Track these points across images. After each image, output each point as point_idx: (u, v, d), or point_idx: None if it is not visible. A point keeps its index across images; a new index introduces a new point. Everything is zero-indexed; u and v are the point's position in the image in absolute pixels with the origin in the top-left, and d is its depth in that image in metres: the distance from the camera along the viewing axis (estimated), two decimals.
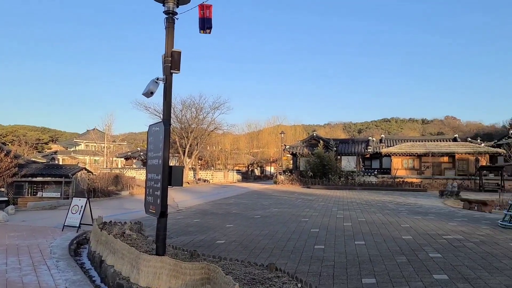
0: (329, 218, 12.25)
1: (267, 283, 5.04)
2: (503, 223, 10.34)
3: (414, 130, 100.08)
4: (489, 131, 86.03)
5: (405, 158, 39.92)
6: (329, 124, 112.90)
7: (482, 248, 7.41)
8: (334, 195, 24.87)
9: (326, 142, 41.75)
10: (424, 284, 5.11)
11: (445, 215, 13.32)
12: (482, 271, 5.74)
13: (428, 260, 6.47)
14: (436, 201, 20.82)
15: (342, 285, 5.16)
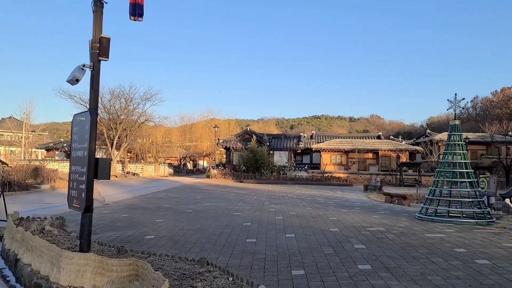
0: (261, 212, 12.40)
1: (198, 278, 4.96)
2: (420, 215, 11.15)
3: (342, 127, 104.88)
4: (409, 130, 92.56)
5: (334, 154, 41.65)
6: (263, 119, 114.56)
7: (401, 239, 7.93)
8: (267, 189, 25.28)
9: (259, 137, 42.27)
10: (350, 274, 5.33)
11: (369, 209, 14.09)
12: (401, 260, 6.13)
13: (353, 251, 6.77)
14: (361, 195, 21.97)
15: (273, 277, 5.22)
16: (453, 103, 11.27)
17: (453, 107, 11.29)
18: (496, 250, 6.94)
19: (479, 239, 7.95)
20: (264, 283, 4.91)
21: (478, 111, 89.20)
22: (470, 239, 7.93)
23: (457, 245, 7.31)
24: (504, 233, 8.84)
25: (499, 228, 9.50)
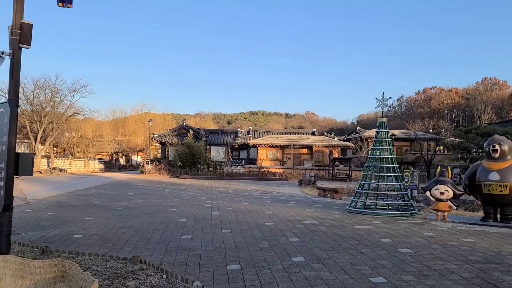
0: (197, 207, 12.27)
1: (131, 276, 4.79)
2: (350, 208, 11.68)
3: (278, 123, 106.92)
4: (341, 127, 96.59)
5: (270, 150, 42.33)
6: (200, 114, 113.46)
7: (333, 231, 8.25)
8: (203, 184, 25.08)
9: (196, 132, 41.79)
10: (284, 267, 5.44)
11: (303, 202, 14.51)
12: (333, 251, 6.37)
13: (288, 244, 6.92)
14: (296, 190, 22.55)
15: (208, 273, 5.18)
16: (380, 101, 11.91)
17: (380, 105, 11.94)
18: (418, 239, 7.45)
19: (403, 230, 8.49)
20: (199, 279, 4.85)
21: (404, 110, 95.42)
22: (395, 230, 8.44)
23: (384, 236, 7.75)
24: (425, 223, 9.53)
25: (420, 219, 10.21)
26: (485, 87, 79.54)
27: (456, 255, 6.19)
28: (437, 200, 10.02)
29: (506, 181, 8.90)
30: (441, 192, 9.87)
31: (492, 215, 9.51)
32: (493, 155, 9.19)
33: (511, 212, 9.30)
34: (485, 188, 9.21)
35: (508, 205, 9.19)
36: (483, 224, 9.33)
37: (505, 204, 9.18)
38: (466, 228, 8.88)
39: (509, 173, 8.97)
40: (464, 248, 6.67)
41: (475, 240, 7.38)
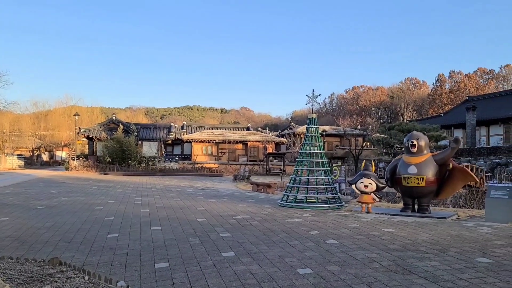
0: (126, 205, 11.82)
1: (48, 279, 4.46)
2: (282, 202, 11.93)
3: (214, 119, 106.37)
4: (275, 122, 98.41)
5: (205, 145, 41.99)
6: (131, 108, 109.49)
7: (264, 225, 8.35)
8: (134, 181, 24.26)
9: (126, 126, 40.27)
10: (214, 262, 5.40)
11: (236, 197, 14.56)
12: (263, 245, 6.45)
13: (219, 239, 6.89)
14: (230, 185, 22.59)
15: (135, 272, 5.00)
16: (311, 98, 12.26)
17: (311, 102, 12.28)
18: (343, 230, 7.79)
19: (330, 222, 8.83)
20: (125, 279, 4.66)
21: (334, 107, 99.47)
22: (323, 222, 8.75)
23: (312, 228, 8.00)
24: (350, 215, 9.98)
25: (346, 211, 10.68)
26: (408, 87, 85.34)
27: (378, 244, 6.55)
28: (362, 193, 10.54)
29: (423, 174, 9.59)
30: (365, 185, 10.40)
31: (411, 206, 10.20)
32: (411, 150, 9.84)
33: (427, 203, 10.05)
34: (405, 181, 9.84)
35: (424, 196, 9.91)
36: (402, 214, 9.98)
37: (422, 195, 9.89)
38: (388, 218, 9.44)
39: (425, 167, 9.66)
40: (384, 238, 7.07)
41: (394, 230, 7.86)
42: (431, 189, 9.80)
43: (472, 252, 6.02)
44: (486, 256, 5.78)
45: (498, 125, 38.50)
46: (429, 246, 6.43)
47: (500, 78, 76.63)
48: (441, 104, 72.30)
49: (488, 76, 78.63)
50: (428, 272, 4.96)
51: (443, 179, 9.93)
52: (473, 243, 6.68)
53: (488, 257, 5.72)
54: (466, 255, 5.83)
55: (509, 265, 5.28)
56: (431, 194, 10.00)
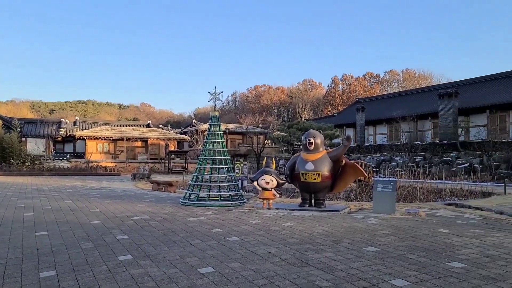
0: (5, 209, 10.54)
1: None
2: (184, 201, 11.67)
3: (111, 114, 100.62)
4: (178, 120, 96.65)
5: (100, 142, 39.53)
6: (13, 101, 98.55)
7: (164, 225, 8.06)
8: (16, 182, 21.86)
9: (7, 121, 36.18)
10: (109, 267, 5.03)
11: (135, 197, 13.90)
12: (163, 246, 6.20)
13: (115, 242, 6.46)
14: (128, 184, 21.55)
15: (15, 283, 4.42)
16: (213, 95, 12.18)
17: (213, 99, 12.21)
18: (245, 227, 7.85)
19: (233, 219, 8.86)
20: None
21: (237, 105, 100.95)
22: (225, 219, 8.74)
23: (214, 226, 7.93)
24: (252, 211, 10.14)
25: (249, 208, 10.83)
26: (305, 87, 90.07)
27: (278, 239, 6.72)
28: (263, 189, 10.78)
29: (319, 170, 10.12)
30: (266, 182, 10.64)
31: (308, 201, 10.72)
32: (308, 147, 10.33)
33: (322, 198, 10.65)
34: (303, 177, 10.29)
35: (320, 191, 10.48)
36: (300, 209, 10.43)
37: (318, 190, 10.44)
38: (287, 213, 9.78)
39: (321, 163, 10.21)
40: (284, 232, 7.29)
41: (293, 224, 8.16)
42: (326, 184, 10.39)
43: (362, 242, 6.49)
44: (374, 245, 6.27)
45: (383, 124, 42.55)
46: (324, 238, 6.78)
47: (385, 82, 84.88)
48: (335, 105, 77.75)
49: (375, 80, 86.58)
50: (324, 263, 5.20)
51: (337, 174, 10.59)
52: (363, 233, 7.21)
53: (375, 246, 6.21)
54: (357, 245, 6.26)
55: (393, 252, 5.77)
56: (327, 189, 10.60)
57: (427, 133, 38.03)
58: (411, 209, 10.33)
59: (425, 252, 5.79)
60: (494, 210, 10.81)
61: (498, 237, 6.95)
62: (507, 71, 38.41)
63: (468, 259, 5.38)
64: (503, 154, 25.89)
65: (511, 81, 35.63)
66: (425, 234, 7.15)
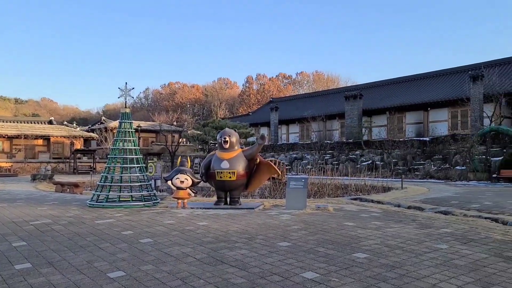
0: None
1: None
2: (91, 202, 10.99)
3: (5, 110, 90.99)
4: (85, 116, 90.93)
5: None
6: None
7: (69, 229, 7.51)
8: None
9: None
10: (3, 278, 4.55)
11: (35, 200, 12.78)
12: (68, 252, 5.76)
13: (11, 250, 5.86)
14: (27, 186, 19.75)
15: None
16: (124, 91, 11.64)
17: (123, 95, 11.66)
18: (158, 228, 7.62)
19: (145, 220, 8.55)
20: None
21: (150, 102, 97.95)
22: (137, 221, 8.40)
23: (125, 228, 7.58)
24: (166, 211, 9.89)
25: (162, 208, 10.55)
26: (220, 86, 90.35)
27: (192, 238, 6.62)
28: (178, 189, 10.57)
29: (234, 169, 10.19)
30: (181, 181, 10.45)
31: (223, 199, 10.75)
32: (224, 146, 10.35)
33: (238, 196, 10.76)
34: (218, 175, 10.29)
35: (235, 189, 10.57)
36: (216, 207, 10.42)
37: (233, 188, 10.52)
38: (202, 212, 9.70)
39: (236, 162, 10.29)
40: (199, 231, 7.21)
41: (209, 223, 8.12)
42: (241, 182, 10.52)
43: (275, 237, 6.67)
44: (286, 240, 6.48)
45: (295, 124, 44.32)
46: (239, 235, 6.84)
47: (297, 83, 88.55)
48: (250, 104, 79.19)
49: (287, 80, 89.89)
50: (239, 260, 5.24)
51: (252, 173, 10.77)
52: (276, 229, 7.41)
53: (288, 241, 6.41)
54: (270, 241, 6.41)
55: (304, 246, 6.02)
56: (242, 187, 10.73)
57: (335, 132, 40.45)
58: (321, 205, 10.89)
59: (333, 244, 6.13)
60: (393, 203, 11.84)
61: (396, 228, 7.60)
62: (403, 76, 42.37)
63: (371, 250, 5.80)
64: (400, 152, 28.49)
65: (406, 86, 39.33)
66: (333, 227, 7.57)
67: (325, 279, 4.47)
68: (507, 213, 9.57)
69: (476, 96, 27.42)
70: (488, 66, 32.41)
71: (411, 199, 12.79)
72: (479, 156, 23.14)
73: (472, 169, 22.88)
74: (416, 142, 28.14)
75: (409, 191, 15.89)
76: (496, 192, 15.36)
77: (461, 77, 33.76)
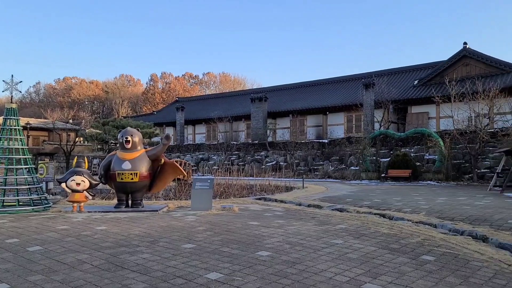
0: None
1: None
2: None
3: None
4: None
5: None
6: None
7: None
8: None
9: None
10: None
11: None
12: None
13: None
14: None
15: None
16: (9, 85, 10.47)
17: (9, 89, 10.49)
18: (50, 234, 6.98)
19: (34, 226, 7.78)
20: None
21: (42, 97, 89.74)
22: (25, 227, 7.61)
23: (10, 236, 6.81)
24: (60, 216, 9.12)
25: (55, 212, 9.71)
26: (123, 83, 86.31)
27: (89, 244, 6.18)
28: (73, 191, 9.81)
29: (137, 170, 9.77)
30: (77, 183, 9.72)
31: (125, 202, 10.24)
32: (126, 146, 9.87)
33: (140, 198, 10.33)
34: (119, 176, 9.77)
35: (138, 191, 10.13)
36: (116, 210, 9.88)
37: (136, 190, 10.08)
38: (101, 216, 9.13)
39: (139, 162, 9.88)
40: (97, 237, 6.76)
41: (108, 227, 7.65)
42: (144, 184, 10.12)
43: (180, 240, 6.52)
44: (191, 241, 6.37)
45: (202, 124, 44.08)
46: (141, 239, 6.56)
47: (203, 84, 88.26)
48: (155, 103, 76.90)
49: (194, 80, 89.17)
50: (140, 265, 5.01)
51: (156, 173, 10.43)
52: (181, 231, 7.26)
53: (192, 242, 6.32)
54: (174, 243, 6.25)
55: (208, 247, 5.98)
56: (145, 188, 10.33)
57: (241, 133, 41.12)
58: (226, 205, 10.96)
59: (238, 244, 6.18)
60: (294, 202, 12.38)
61: (297, 225, 7.94)
62: (305, 81, 44.73)
63: (273, 247, 5.97)
64: (302, 153, 29.96)
65: (308, 91, 41.54)
66: (238, 227, 7.65)
67: (229, 278, 4.48)
68: (393, 209, 10.58)
69: (368, 102, 29.98)
70: (378, 75, 35.64)
71: (311, 198, 13.49)
72: (370, 157, 25.30)
73: (364, 169, 24.91)
74: (316, 144, 29.81)
75: (310, 190, 16.75)
76: (384, 190, 16.91)
77: (355, 84, 36.60)
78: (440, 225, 8.18)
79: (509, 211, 9.89)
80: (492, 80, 25.39)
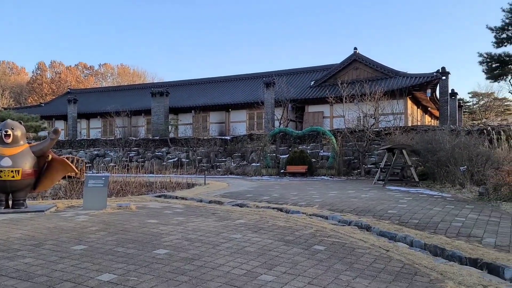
0: None
1: None
2: None
3: None
4: None
5: None
6: None
7: None
8: None
9: None
10: None
11: None
12: None
13: None
14: None
15: None
16: None
17: None
18: None
19: None
20: None
21: None
22: None
23: None
24: None
25: None
26: (4, 71, 77.23)
27: None
28: None
29: (19, 166, 8.81)
30: None
31: (4, 202, 9.18)
32: (5, 140, 8.85)
33: (23, 197, 9.34)
34: None
35: (20, 190, 9.15)
36: None
37: (18, 189, 9.09)
38: None
39: (22, 159, 8.93)
40: None
41: None
42: (28, 182, 9.18)
43: (69, 241, 6.04)
44: (82, 243, 5.94)
45: (97, 118, 41.47)
46: (23, 242, 5.94)
47: (99, 75, 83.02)
48: (42, 94, 70.31)
49: (89, 71, 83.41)
50: (21, 270, 4.54)
51: (42, 171, 9.53)
52: (70, 232, 6.73)
53: (83, 243, 5.90)
54: (63, 245, 5.78)
55: (101, 248, 5.63)
56: (29, 187, 9.38)
57: (141, 128, 39.64)
58: (123, 203, 10.46)
59: (134, 243, 5.93)
60: (196, 199, 12.29)
61: (197, 222, 7.89)
62: (208, 78, 44.65)
63: (172, 245, 5.85)
64: (205, 150, 29.89)
65: (211, 87, 41.55)
66: (135, 226, 7.34)
67: (123, 279, 4.27)
68: (289, 203, 11.09)
69: (269, 100, 31.01)
70: (278, 74, 37.06)
71: (213, 194, 13.52)
72: (271, 154, 26.21)
73: (265, 165, 25.72)
74: (218, 141, 29.96)
75: (212, 186, 16.78)
76: (283, 185, 17.65)
77: (257, 83, 37.55)
78: (331, 217, 8.80)
79: (389, 202, 10.99)
80: (378, 84, 28.04)
